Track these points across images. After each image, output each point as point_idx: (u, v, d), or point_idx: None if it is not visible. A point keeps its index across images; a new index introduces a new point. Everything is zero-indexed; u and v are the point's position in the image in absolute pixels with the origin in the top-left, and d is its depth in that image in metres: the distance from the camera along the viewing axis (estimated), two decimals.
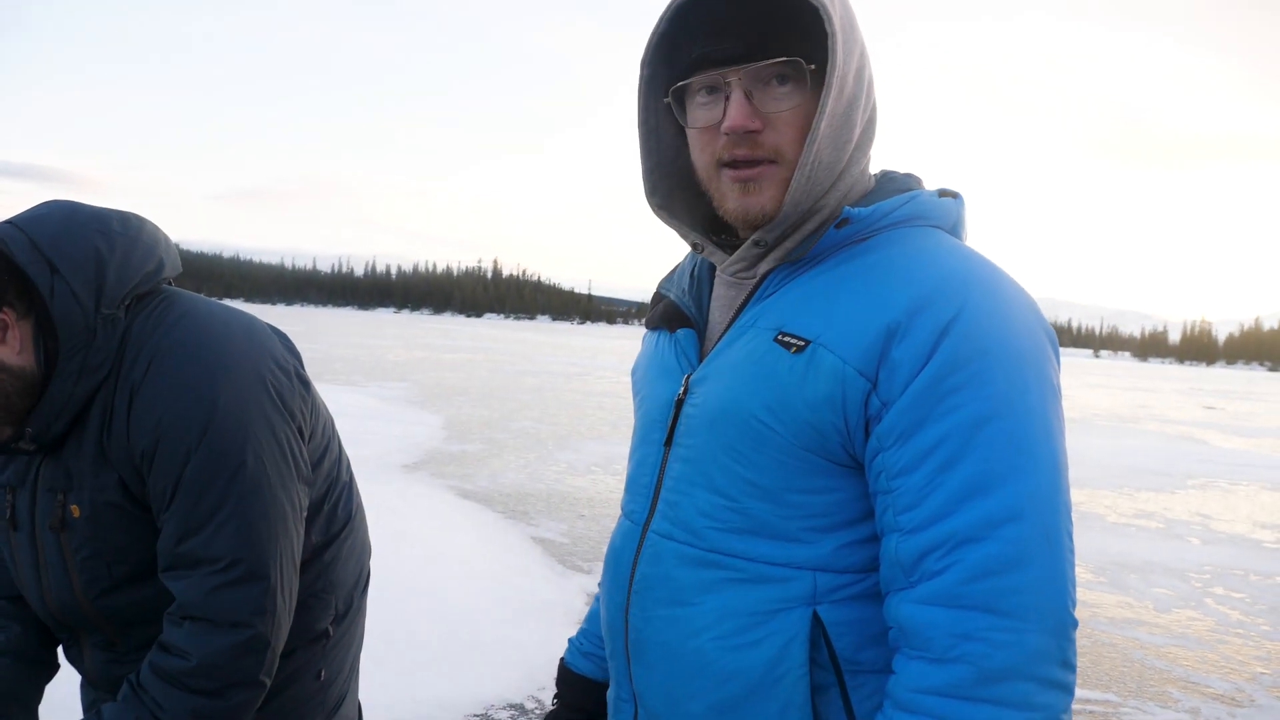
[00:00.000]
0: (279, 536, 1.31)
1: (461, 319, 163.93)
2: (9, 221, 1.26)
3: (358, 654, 1.67)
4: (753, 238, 1.02)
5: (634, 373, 1.24)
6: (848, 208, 0.97)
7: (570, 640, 1.34)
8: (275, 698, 1.43)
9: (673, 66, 1.04)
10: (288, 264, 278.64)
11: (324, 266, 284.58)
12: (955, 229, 1.05)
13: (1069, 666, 0.86)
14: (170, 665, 1.25)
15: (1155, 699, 4.21)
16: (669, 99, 1.04)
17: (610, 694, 1.16)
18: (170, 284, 1.42)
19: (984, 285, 0.93)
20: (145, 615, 1.35)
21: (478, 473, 8.68)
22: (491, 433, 11.59)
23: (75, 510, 1.29)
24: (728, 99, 0.97)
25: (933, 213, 1.03)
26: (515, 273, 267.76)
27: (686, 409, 1.04)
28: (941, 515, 0.87)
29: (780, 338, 0.97)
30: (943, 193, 1.06)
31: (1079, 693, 4.17)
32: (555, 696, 1.32)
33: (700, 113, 1.02)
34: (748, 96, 0.96)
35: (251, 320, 1.41)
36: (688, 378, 1.06)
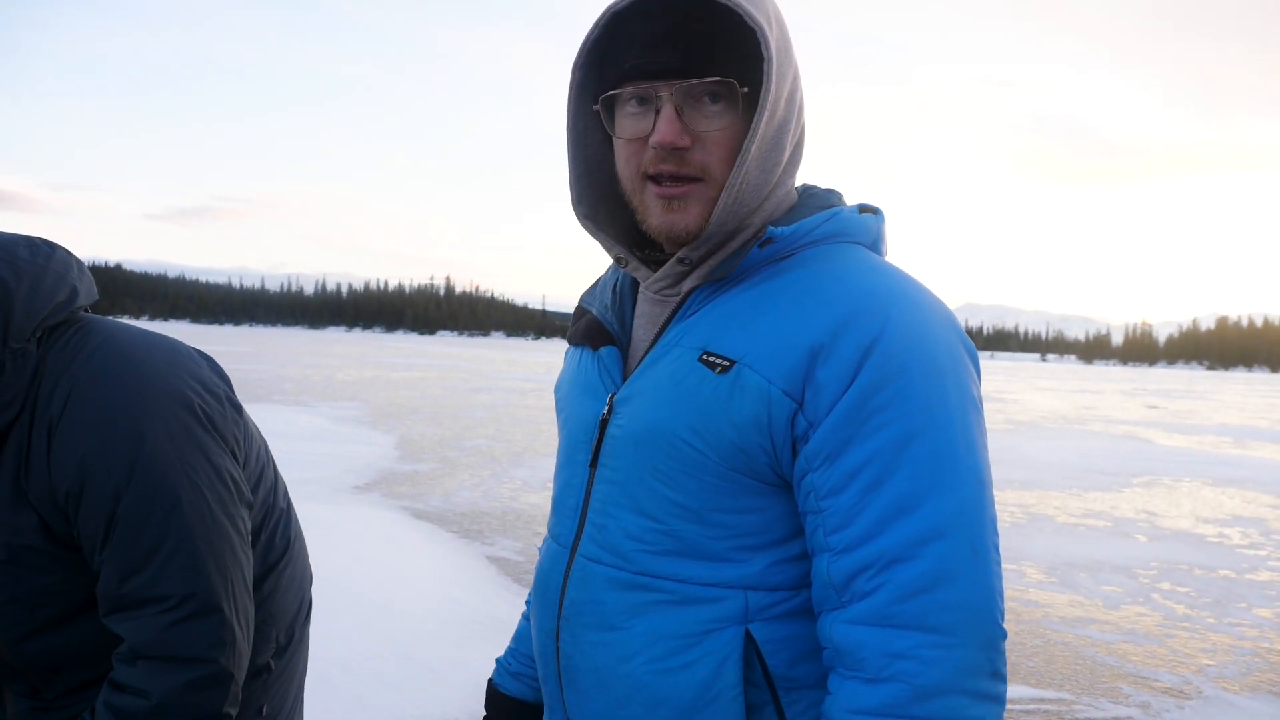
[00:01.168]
0: (228, 566, 1.25)
1: (415, 336, 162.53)
2: None
3: (301, 684, 1.62)
4: (677, 255, 1.01)
5: (557, 390, 1.21)
6: (771, 227, 0.97)
7: (498, 660, 1.31)
8: None
9: (604, 73, 1.02)
10: (235, 283, 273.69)
11: (272, 285, 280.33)
12: (875, 244, 1.06)
13: (999, 677, 0.87)
14: (127, 705, 1.19)
15: (1107, 695, 4.27)
16: (598, 106, 1.02)
17: (545, 719, 1.15)
18: (86, 311, 1.34)
19: (903, 302, 0.94)
20: (71, 660, 1.28)
21: (430, 492, 8.57)
22: (444, 451, 11.46)
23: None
24: (658, 112, 0.96)
25: (853, 230, 1.03)
26: (468, 289, 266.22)
27: (611, 429, 1.02)
28: (870, 535, 0.87)
29: (704, 357, 0.96)
30: (863, 208, 1.07)
31: (1034, 693, 4.23)
32: (484, 718, 1.29)
33: (628, 123, 1.00)
34: (678, 112, 0.95)
35: (175, 344, 1.35)
36: (611, 397, 1.04)
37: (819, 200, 1.07)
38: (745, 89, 0.95)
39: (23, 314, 1.19)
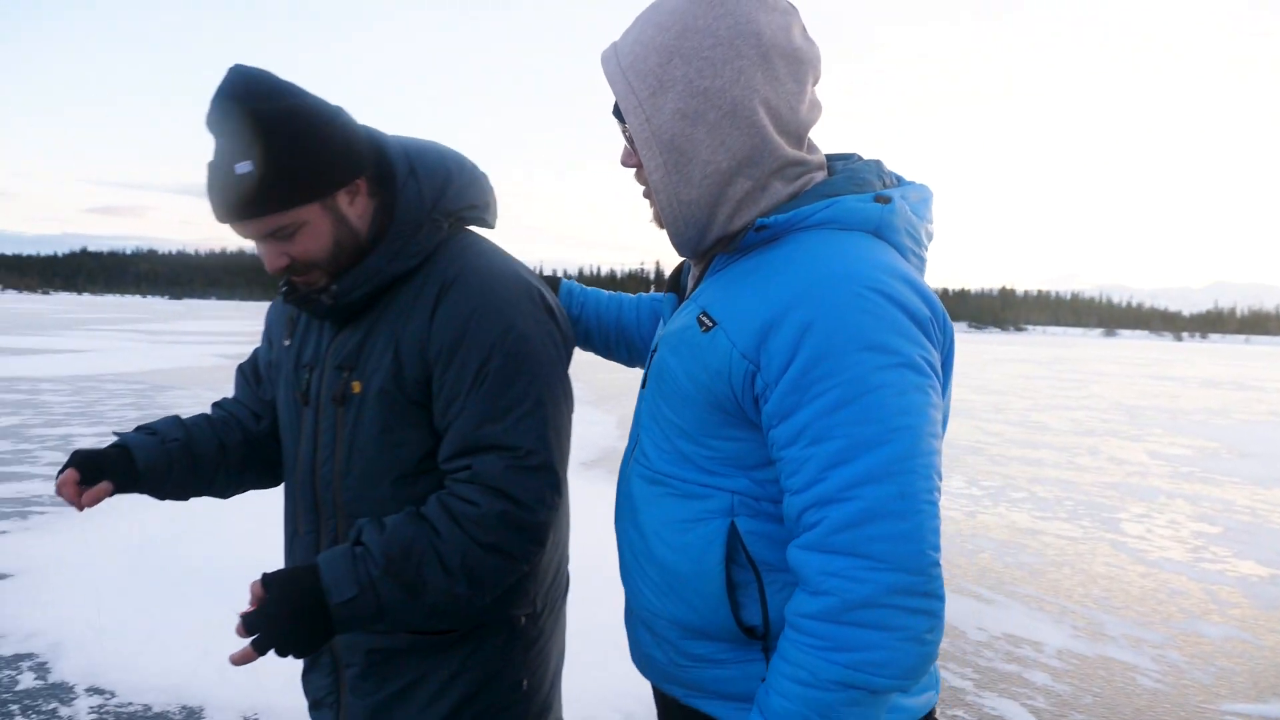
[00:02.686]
0: (564, 441, 1.44)
1: None
2: (395, 136, 1.52)
3: (559, 667, 1.67)
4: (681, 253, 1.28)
5: None
6: (760, 218, 1.16)
7: None
8: (474, 700, 1.49)
9: None
10: None
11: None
12: (881, 231, 1.18)
13: (932, 596, 1.02)
14: (456, 506, 1.33)
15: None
16: None
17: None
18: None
19: (845, 283, 1.07)
20: (371, 511, 1.43)
21: None
22: None
23: (356, 386, 1.42)
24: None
25: (850, 217, 1.16)
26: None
27: (652, 360, 1.29)
28: (814, 481, 1.05)
29: (701, 316, 1.18)
30: (878, 198, 1.19)
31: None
32: None
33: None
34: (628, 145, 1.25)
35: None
36: (658, 336, 1.31)
37: (828, 188, 1.21)
38: (625, 129, 1.23)
39: (453, 195, 1.49)
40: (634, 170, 1.26)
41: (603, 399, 15.77)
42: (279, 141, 1.29)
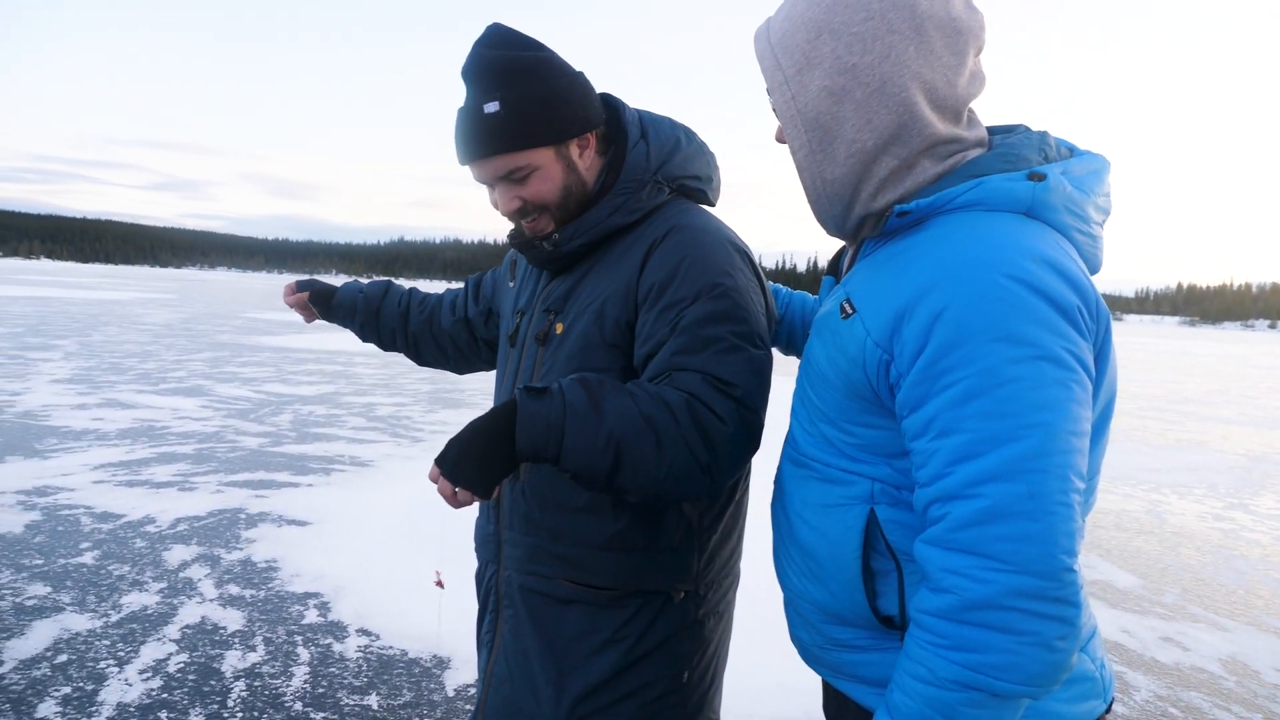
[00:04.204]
0: (765, 399, 1.41)
1: None
2: (634, 108, 1.61)
3: (720, 664, 1.63)
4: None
5: None
6: (900, 204, 1.12)
7: None
8: (628, 673, 1.47)
9: None
10: None
11: (768, 263, 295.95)
12: (1034, 211, 1.10)
13: (1064, 602, 0.96)
14: (701, 414, 1.31)
15: None
16: None
17: None
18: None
19: (981, 270, 1.01)
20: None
21: None
22: None
23: (559, 328, 1.50)
24: None
25: (997, 198, 1.09)
26: None
27: (806, 346, 1.29)
28: (939, 475, 1.01)
29: (844, 303, 1.16)
30: (1031, 175, 1.11)
31: None
32: None
33: None
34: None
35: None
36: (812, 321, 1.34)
37: (976, 167, 1.14)
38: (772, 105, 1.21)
39: (678, 163, 1.57)
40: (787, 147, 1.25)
41: None
42: (524, 86, 1.42)
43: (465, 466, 1.25)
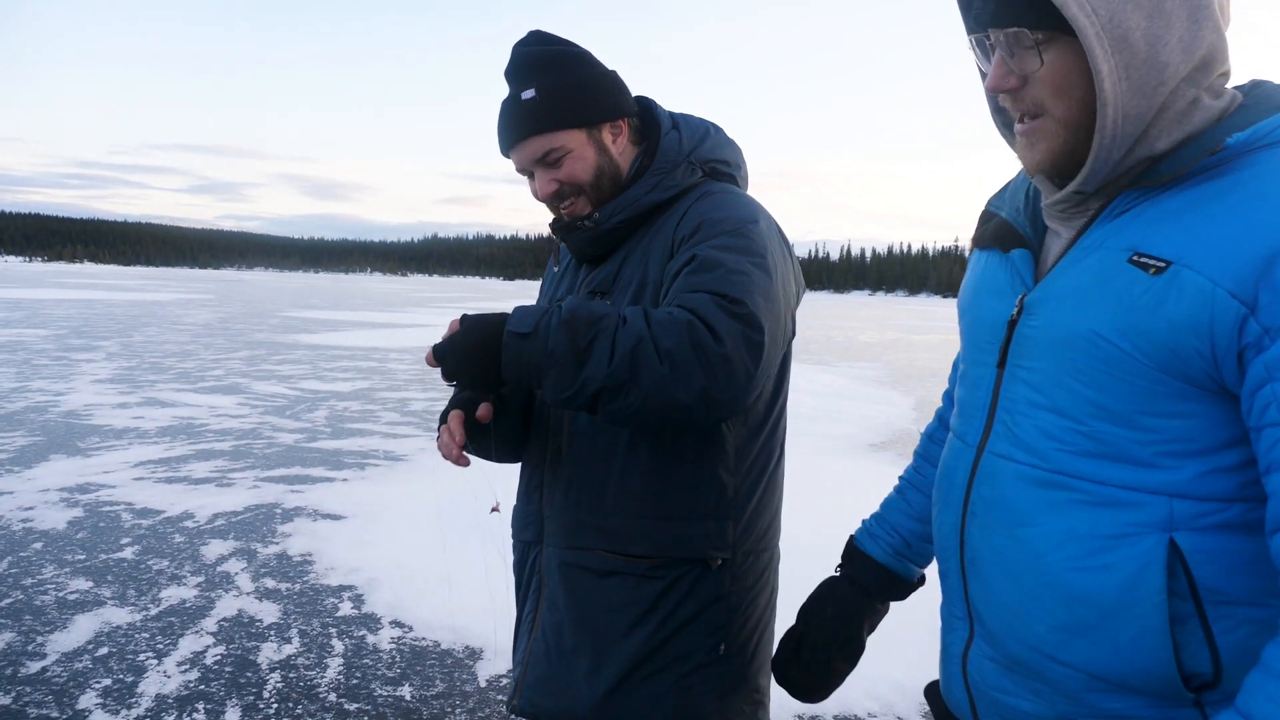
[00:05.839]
0: (778, 333, 1.40)
1: (938, 300, 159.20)
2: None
3: (766, 639, 1.60)
4: (1071, 189, 1.01)
5: (961, 296, 1.23)
6: (1227, 139, 0.91)
7: (863, 521, 1.50)
8: (666, 646, 1.46)
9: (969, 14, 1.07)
10: None
11: (801, 252, 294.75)
12: None
13: None
14: (655, 310, 1.32)
15: None
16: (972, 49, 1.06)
17: (943, 610, 1.20)
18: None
19: None
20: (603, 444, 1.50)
21: None
22: None
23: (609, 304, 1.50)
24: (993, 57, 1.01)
25: None
26: None
27: (1023, 329, 1.04)
28: None
29: (1136, 259, 0.94)
30: None
31: None
32: (838, 565, 1.48)
33: (980, 67, 1.06)
34: (1010, 54, 0.98)
35: None
36: (1022, 298, 1.06)
37: (1275, 100, 0.97)
38: (1038, 35, 0.95)
39: (709, 147, 1.64)
40: (1008, 96, 1.02)
41: (900, 379, 15.17)
42: (558, 75, 1.53)
43: (460, 372, 1.33)
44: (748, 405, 1.38)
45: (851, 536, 1.49)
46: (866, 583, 1.43)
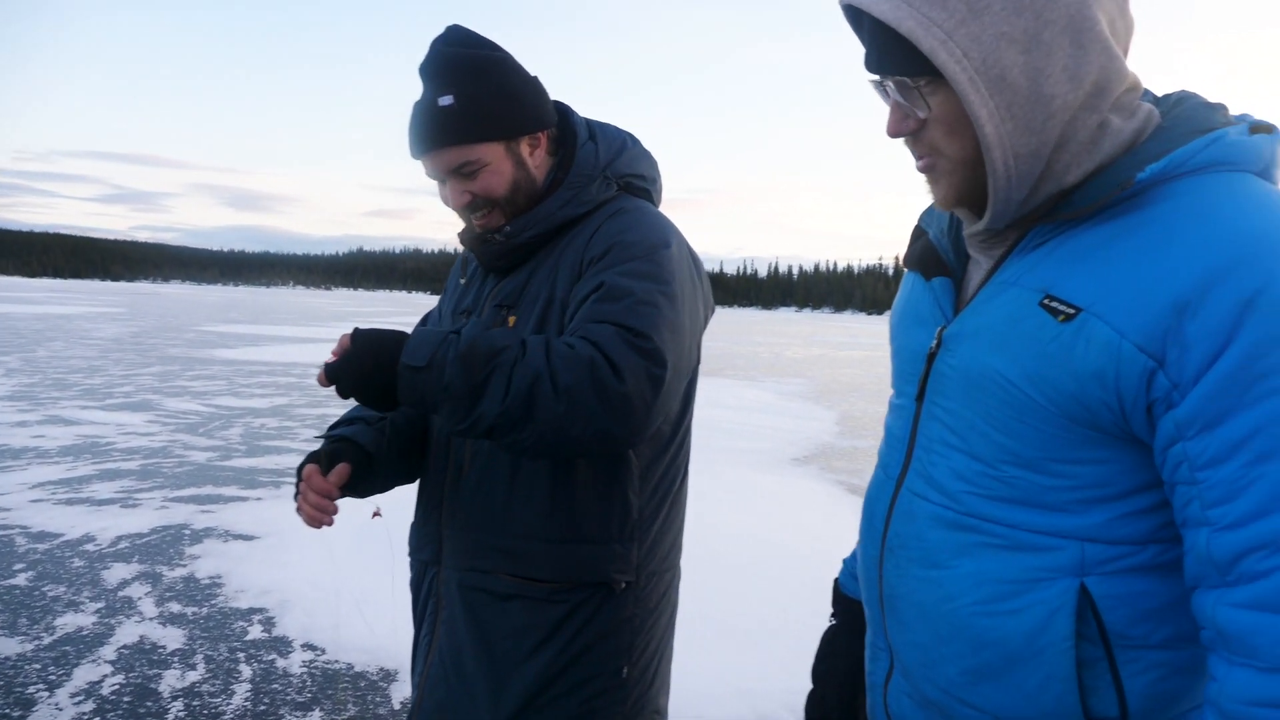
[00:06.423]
0: (683, 364, 1.41)
1: (863, 316, 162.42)
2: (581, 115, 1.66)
3: (664, 661, 1.59)
4: (980, 228, 0.99)
5: (891, 315, 1.20)
6: (1138, 174, 0.87)
7: (844, 561, 1.38)
8: (568, 671, 1.43)
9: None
10: None
11: (730, 269, 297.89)
12: (1267, 171, 0.91)
13: None
14: (555, 343, 1.31)
15: None
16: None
17: (868, 638, 1.17)
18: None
19: None
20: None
21: (868, 468, 8.53)
22: None
23: (511, 320, 1.50)
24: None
25: (1238, 155, 0.89)
26: None
27: (939, 366, 1.02)
28: (1262, 512, 0.80)
29: (1047, 302, 0.91)
30: (1255, 127, 0.91)
31: None
32: (831, 615, 1.37)
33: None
34: (902, 99, 0.96)
35: None
36: (941, 330, 1.03)
37: (1194, 122, 0.92)
38: (921, 81, 0.92)
39: (626, 160, 1.60)
40: (908, 138, 0.99)
41: (824, 394, 15.40)
42: (479, 83, 1.46)
43: (353, 395, 1.33)
44: (646, 439, 1.38)
45: (835, 581, 1.40)
46: (861, 627, 1.33)
